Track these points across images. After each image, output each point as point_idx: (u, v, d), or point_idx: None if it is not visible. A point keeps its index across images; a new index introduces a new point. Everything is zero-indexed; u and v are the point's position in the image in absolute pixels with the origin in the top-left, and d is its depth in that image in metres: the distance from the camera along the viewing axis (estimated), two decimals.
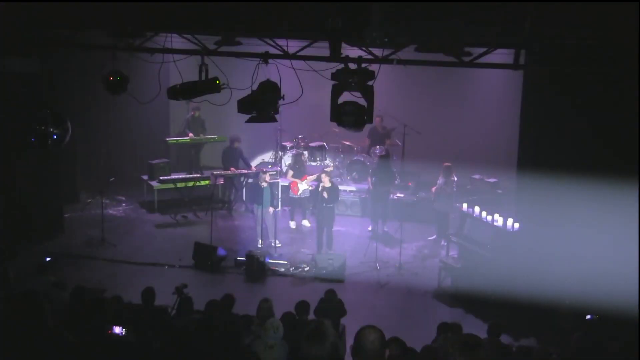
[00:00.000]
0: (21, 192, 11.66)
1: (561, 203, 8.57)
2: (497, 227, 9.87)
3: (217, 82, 8.33)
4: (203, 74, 8.34)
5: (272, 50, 8.32)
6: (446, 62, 8.09)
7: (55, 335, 4.08)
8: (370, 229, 12.87)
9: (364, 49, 8.10)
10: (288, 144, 14.68)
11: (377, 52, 7.99)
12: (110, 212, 13.74)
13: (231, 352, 5.87)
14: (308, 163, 13.92)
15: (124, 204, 14.37)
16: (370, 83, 7.70)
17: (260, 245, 11.97)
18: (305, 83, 7.95)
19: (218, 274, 11.00)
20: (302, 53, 8.36)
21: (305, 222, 13.31)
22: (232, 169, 13.84)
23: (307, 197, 12.96)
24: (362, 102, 7.68)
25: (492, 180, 13.21)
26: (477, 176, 13.48)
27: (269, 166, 14.42)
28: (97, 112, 14.77)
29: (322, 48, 8.19)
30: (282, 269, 11.16)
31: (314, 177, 12.77)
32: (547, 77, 8.61)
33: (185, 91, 8.47)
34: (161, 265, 11.21)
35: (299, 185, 12.88)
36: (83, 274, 10.60)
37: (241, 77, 8.11)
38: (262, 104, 8.02)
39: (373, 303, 10.14)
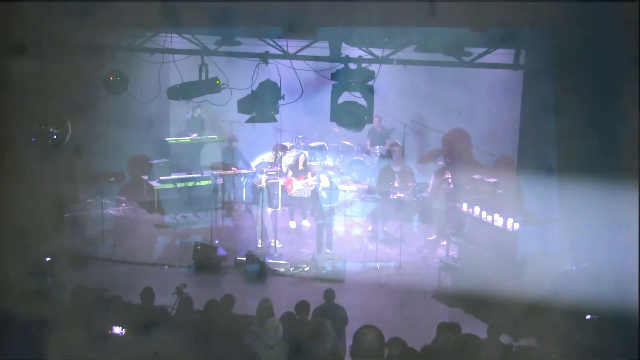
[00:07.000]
0: (21, 191, 11.64)
1: (561, 203, 8.57)
2: (497, 227, 9.86)
3: (217, 82, 8.34)
4: (203, 74, 8.35)
5: (272, 50, 8.33)
6: (446, 62, 8.09)
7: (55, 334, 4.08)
8: (370, 229, 12.87)
9: (364, 49, 8.10)
10: (288, 144, 14.67)
11: (377, 52, 7.99)
12: (110, 212, 13.74)
13: (231, 352, 5.87)
14: (309, 164, 13.91)
15: (124, 204, 14.37)
16: (370, 83, 7.71)
17: (260, 245, 11.97)
18: (305, 83, 7.95)
19: (218, 274, 11.00)
20: (302, 53, 8.36)
21: (305, 222, 13.30)
22: (233, 168, 13.83)
23: (307, 197, 12.95)
24: (362, 102, 7.69)
25: (492, 180, 13.18)
26: (477, 176, 13.43)
27: (269, 166, 14.41)
28: (97, 112, 14.75)
29: (322, 48, 8.19)
30: (282, 269, 11.15)
31: (313, 178, 12.74)
32: (547, 77, 8.61)
33: (185, 91, 8.48)
34: (161, 265, 11.21)
35: (294, 183, 12.86)
36: (83, 274, 10.59)
37: (241, 77, 8.11)
38: (262, 104, 8.03)
39: (373, 303, 10.12)
